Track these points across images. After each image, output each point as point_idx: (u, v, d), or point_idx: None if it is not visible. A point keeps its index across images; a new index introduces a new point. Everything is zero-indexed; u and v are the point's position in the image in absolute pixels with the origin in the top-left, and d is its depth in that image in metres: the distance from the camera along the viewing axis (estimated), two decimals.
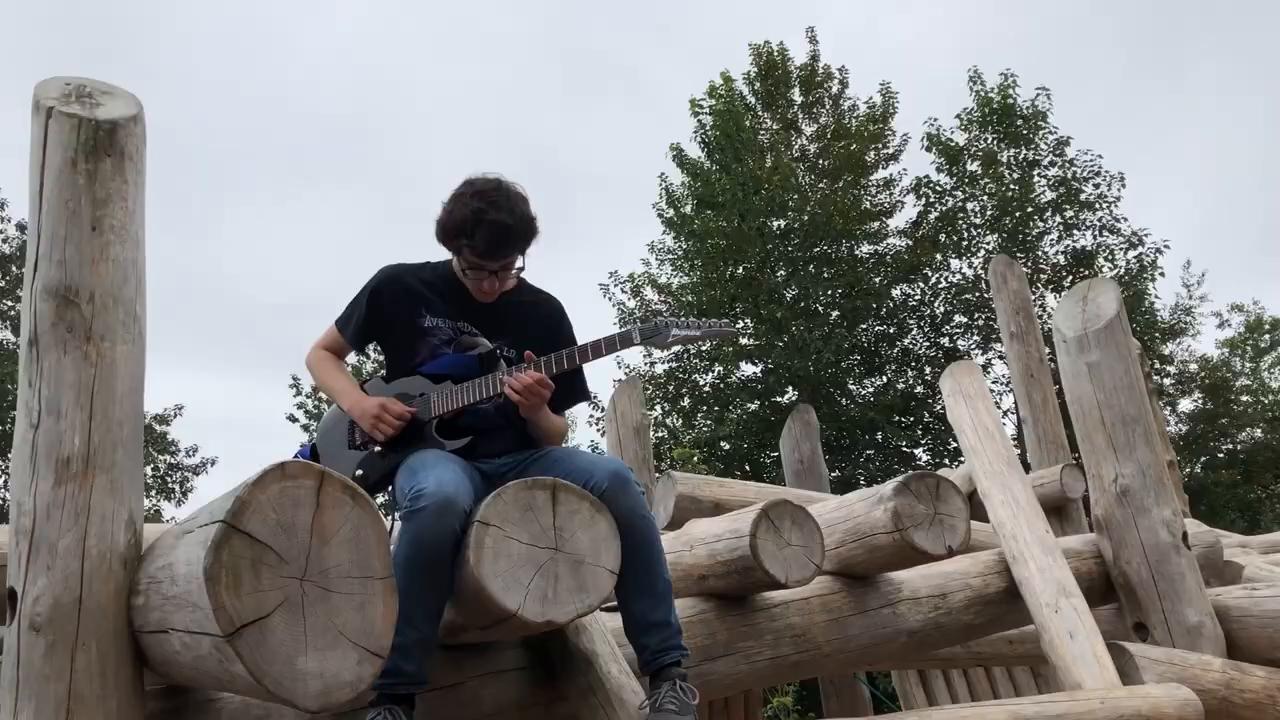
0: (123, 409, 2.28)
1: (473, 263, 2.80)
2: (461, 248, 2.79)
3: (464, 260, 2.82)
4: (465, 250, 2.78)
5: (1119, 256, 21.51)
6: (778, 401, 21.14)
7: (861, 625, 3.41)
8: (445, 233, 2.80)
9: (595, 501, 2.49)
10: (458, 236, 2.77)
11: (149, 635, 2.09)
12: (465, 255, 2.80)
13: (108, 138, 2.40)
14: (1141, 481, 4.03)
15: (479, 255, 2.77)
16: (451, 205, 2.78)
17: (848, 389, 21.65)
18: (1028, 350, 7.09)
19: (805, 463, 7.81)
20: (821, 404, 19.72)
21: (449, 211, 2.78)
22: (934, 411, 21.75)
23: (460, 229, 2.75)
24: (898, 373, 22.08)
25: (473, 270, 2.83)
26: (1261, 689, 3.62)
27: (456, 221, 2.75)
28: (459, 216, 2.74)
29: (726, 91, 22.59)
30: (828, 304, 21.50)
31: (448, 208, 2.79)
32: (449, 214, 2.78)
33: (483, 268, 2.81)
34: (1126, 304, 16.19)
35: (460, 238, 2.76)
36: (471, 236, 2.74)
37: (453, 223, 2.76)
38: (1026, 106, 22.02)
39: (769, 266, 21.45)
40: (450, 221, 2.77)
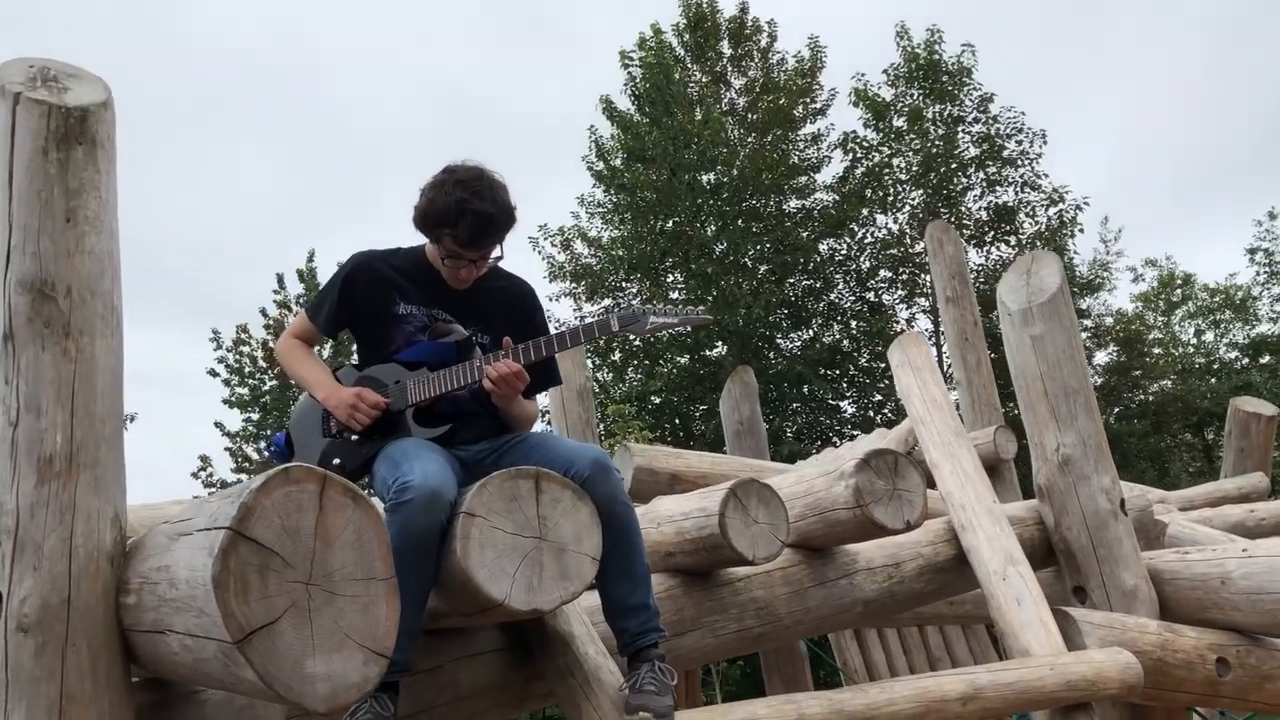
0: (104, 405, 2.25)
1: (454, 251, 2.80)
2: (442, 236, 2.78)
3: (444, 248, 2.82)
4: (447, 239, 2.78)
5: (1040, 213, 21.97)
6: (707, 355, 21.32)
7: (820, 596, 3.51)
8: (426, 221, 2.79)
9: (577, 490, 2.53)
10: (439, 225, 2.76)
11: (142, 635, 2.09)
12: (446, 244, 2.80)
13: (78, 125, 2.35)
14: (1082, 451, 4.18)
15: (461, 245, 2.77)
16: (432, 193, 2.77)
17: (776, 343, 21.90)
18: (963, 314, 7.25)
19: (745, 423, 7.93)
20: (750, 358, 19.93)
21: (430, 200, 2.77)
22: (859, 365, 22.15)
23: (443, 218, 2.74)
24: (824, 327, 22.38)
25: (452, 259, 2.83)
26: (1193, 648, 3.81)
27: (439, 210, 2.74)
28: (441, 205, 2.73)
29: (656, 44, 22.46)
30: (756, 258, 21.65)
31: (428, 195, 2.78)
32: (430, 202, 2.76)
33: (463, 256, 2.81)
34: None
35: (442, 226, 2.76)
36: (454, 226, 2.73)
37: (434, 211, 2.75)
38: (952, 63, 22.26)
39: (699, 221, 21.51)
40: (432, 210, 2.76)
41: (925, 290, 22.34)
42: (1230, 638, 3.90)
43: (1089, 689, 3.29)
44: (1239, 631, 3.93)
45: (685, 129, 21.04)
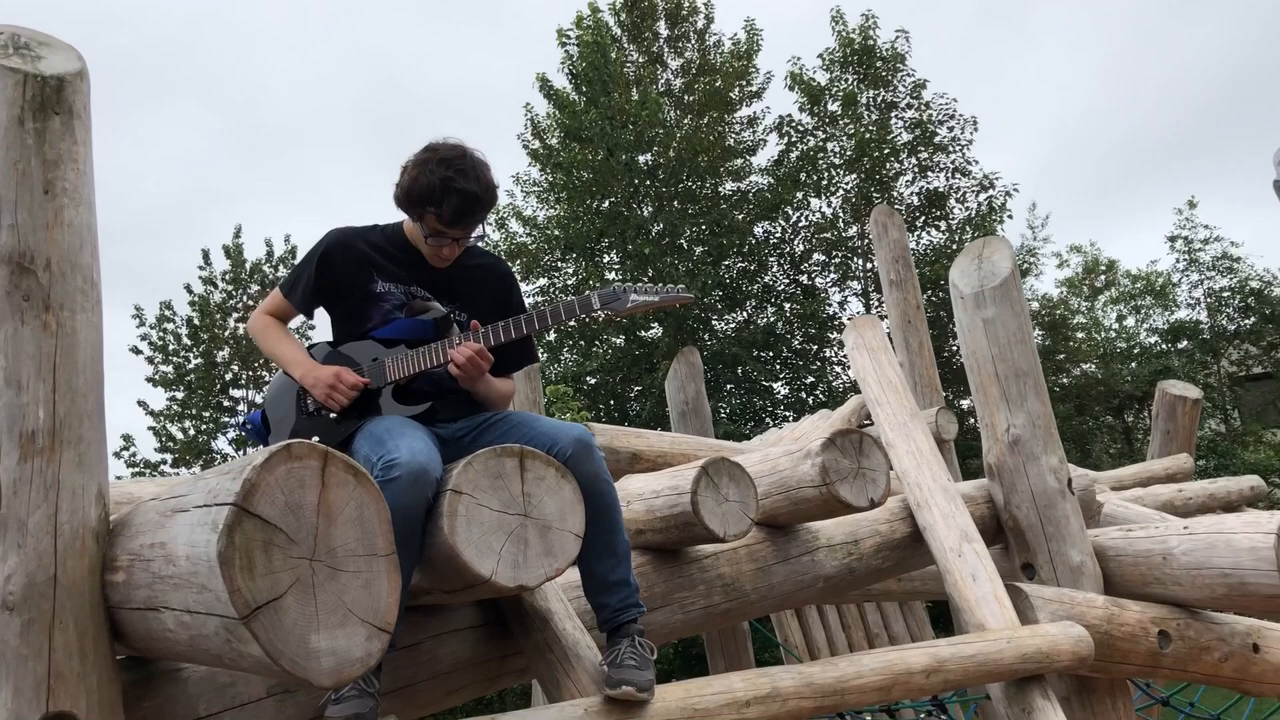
0: (86, 380, 2.21)
1: (437, 230, 2.79)
2: (426, 214, 2.77)
3: (427, 226, 2.81)
4: (430, 217, 2.77)
5: (970, 199, 22.35)
6: (643, 336, 21.39)
7: (784, 572, 3.57)
8: (410, 199, 2.77)
9: (560, 467, 2.55)
10: (423, 203, 2.75)
11: (131, 612, 2.06)
12: (430, 222, 2.79)
13: (55, 95, 2.30)
14: (1032, 431, 4.30)
15: (445, 223, 2.77)
16: (416, 171, 2.76)
17: (711, 324, 22.02)
18: (906, 297, 7.38)
19: (690, 403, 7.99)
20: (686, 339, 20.05)
21: (414, 178, 2.75)
22: (792, 347, 22.38)
23: (427, 196, 2.73)
24: (759, 309, 22.57)
25: (435, 237, 2.82)
26: (1136, 622, 3.94)
27: (423, 188, 2.73)
28: (425, 184, 2.72)
29: (594, 23, 22.38)
30: (693, 240, 21.74)
31: (412, 174, 2.77)
32: (414, 180, 2.75)
33: (446, 235, 2.80)
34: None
35: (426, 205, 2.75)
36: (439, 205, 2.72)
37: (418, 189, 2.74)
38: (886, 49, 22.52)
39: (635, 201, 21.53)
40: (415, 188, 2.74)
41: (857, 274, 22.65)
42: (1171, 611, 4.04)
43: (1043, 661, 3.40)
44: (1179, 605, 4.07)
45: (622, 109, 21.03)
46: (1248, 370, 24.64)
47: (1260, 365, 24.37)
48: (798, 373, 22.21)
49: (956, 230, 22.04)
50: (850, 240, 22.49)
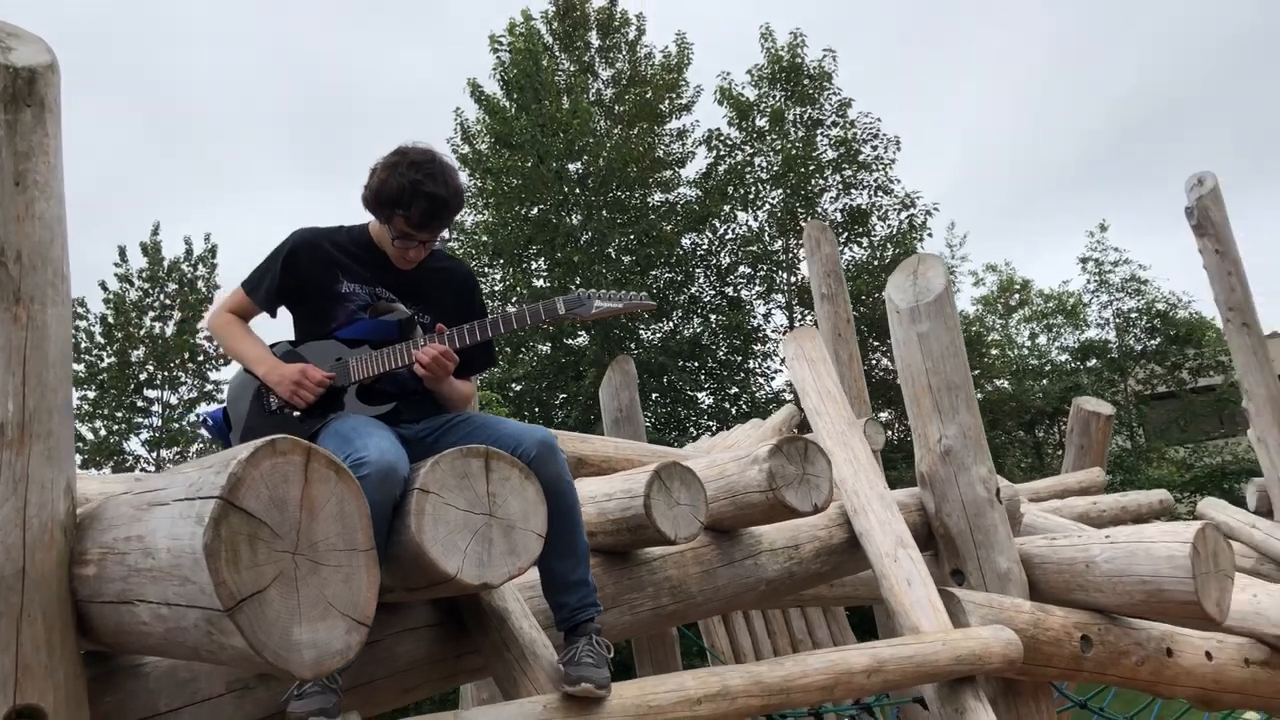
0: (55, 374, 2.21)
1: (405, 232, 2.83)
2: (394, 216, 2.81)
3: (395, 229, 2.84)
4: (399, 219, 2.81)
5: (892, 216, 22.82)
6: (569, 344, 21.42)
7: (728, 575, 3.66)
8: (378, 201, 2.81)
9: (524, 468, 2.59)
10: (392, 206, 2.79)
11: (102, 606, 2.07)
12: (398, 224, 2.82)
13: (27, 87, 2.29)
14: (963, 442, 4.45)
15: (413, 226, 2.80)
16: (385, 174, 2.79)
17: (638, 334, 22.14)
18: (836, 310, 7.55)
19: (624, 411, 8.05)
20: (613, 348, 20.12)
21: (383, 180, 2.79)
22: (717, 358, 22.60)
23: (395, 199, 2.77)
24: (685, 319, 22.74)
25: (402, 239, 2.85)
26: (1060, 627, 4.11)
27: (391, 191, 2.77)
28: (394, 186, 2.76)
29: (526, 30, 22.40)
30: (621, 249, 21.85)
31: (380, 176, 2.80)
32: (383, 183, 2.78)
33: (413, 237, 2.84)
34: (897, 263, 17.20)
35: (395, 207, 2.78)
36: (407, 207, 2.76)
37: (387, 192, 2.77)
38: (813, 67, 22.90)
39: (565, 209, 21.57)
40: (385, 190, 2.78)
41: (782, 288, 22.96)
42: (1093, 617, 4.21)
43: (976, 663, 3.53)
44: (1100, 611, 4.25)
45: (553, 117, 21.07)
46: (1153, 389, 25.51)
47: (1164, 385, 25.25)
48: (722, 383, 22.44)
49: (878, 247, 22.49)
50: (775, 254, 22.81)
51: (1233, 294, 7.92)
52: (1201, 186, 8.07)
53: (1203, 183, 8.09)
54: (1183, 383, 24.86)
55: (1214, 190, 7.99)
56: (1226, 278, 7.93)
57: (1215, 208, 7.93)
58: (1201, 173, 8.14)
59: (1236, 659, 4.59)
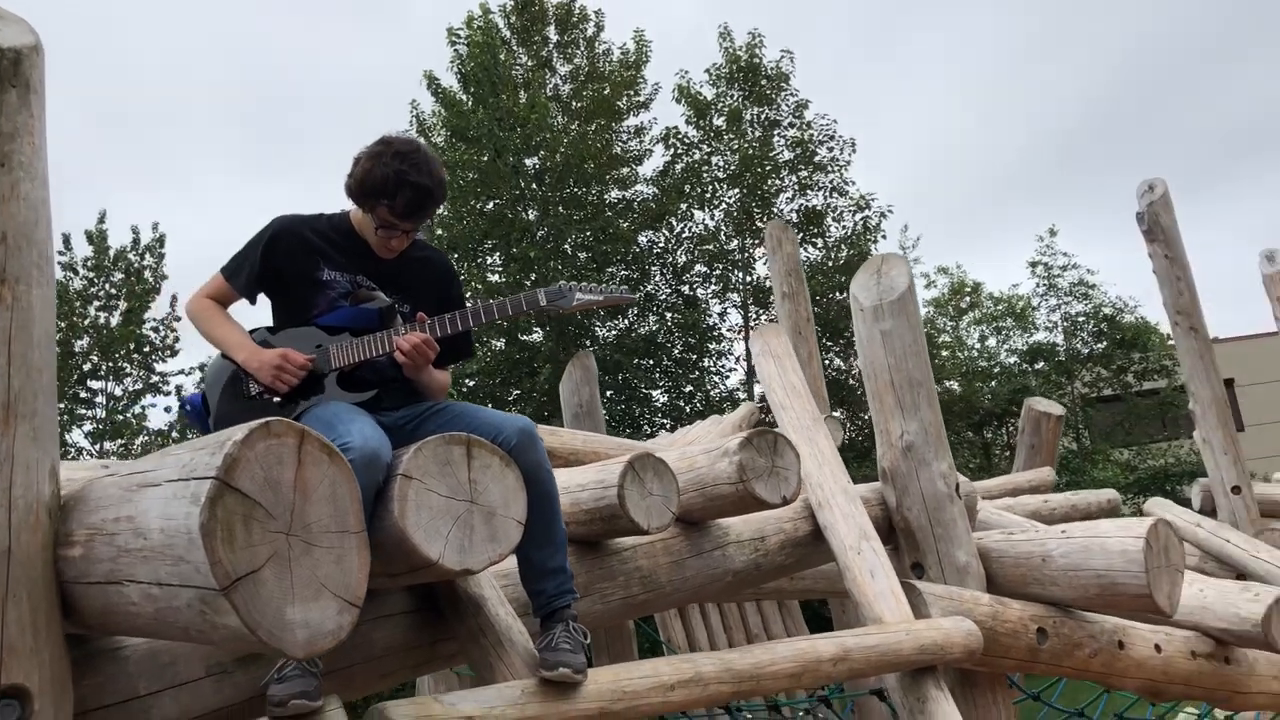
0: (40, 355, 2.21)
1: (389, 222, 2.85)
2: (378, 206, 2.83)
3: (379, 218, 2.86)
4: (383, 209, 2.83)
5: (847, 218, 23.01)
6: (524, 340, 21.38)
7: (697, 566, 3.71)
8: (363, 190, 2.82)
9: (505, 456, 2.63)
10: (377, 195, 2.81)
11: (88, 587, 2.07)
12: (381, 214, 2.84)
13: (12, 68, 2.29)
14: (924, 438, 4.54)
15: (398, 216, 2.83)
16: (370, 164, 2.81)
17: (593, 331, 22.15)
18: (797, 309, 7.64)
19: (584, 406, 8.08)
20: (569, 345, 20.13)
21: (367, 170, 2.81)
22: (672, 356, 22.67)
23: (380, 189, 2.79)
24: (640, 317, 22.79)
25: (385, 229, 2.87)
26: (1017, 619, 4.21)
27: (376, 181, 2.79)
28: (379, 176, 2.78)
29: (484, 23, 22.32)
30: (577, 246, 21.85)
31: (365, 166, 2.82)
32: (368, 172, 2.80)
33: (397, 227, 2.86)
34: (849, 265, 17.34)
35: (380, 196, 2.80)
36: (392, 197, 2.79)
37: (372, 181, 2.80)
38: (771, 67, 23.05)
39: (521, 205, 21.53)
40: (369, 180, 2.80)
41: (737, 287, 23.09)
42: (1048, 610, 4.32)
43: (938, 652, 3.62)
44: (1055, 605, 4.35)
45: (511, 111, 21.02)
46: (1099, 392, 25.97)
47: (1110, 388, 25.72)
48: (677, 381, 22.52)
49: (833, 248, 22.68)
50: (732, 253, 22.92)
51: (1181, 298, 8.12)
52: (1152, 193, 8.26)
53: (1153, 189, 8.28)
54: (1128, 386, 25.35)
55: (1164, 196, 8.18)
56: (1175, 282, 8.13)
57: (1165, 214, 8.12)
58: (1152, 179, 8.33)
59: (1184, 651, 4.72)
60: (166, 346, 22.73)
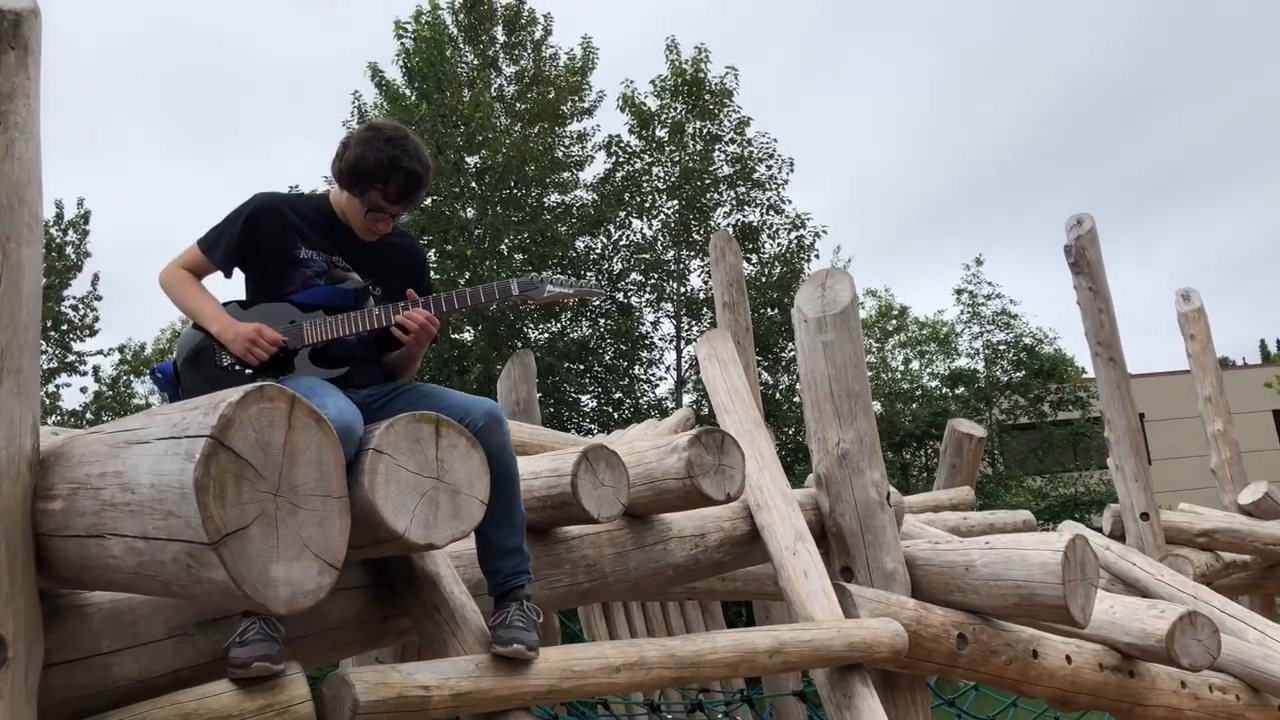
0: (28, 312, 2.26)
1: (379, 205, 2.93)
2: (369, 190, 2.90)
3: (369, 201, 2.93)
4: (374, 193, 2.90)
5: (781, 235, 23.33)
6: (455, 339, 21.31)
7: (640, 559, 3.82)
8: (355, 174, 2.90)
9: (471, 437, 2.71)
10: (370, 180, 2.89)
11: (66, 540, 2.12)
12: (372, 197, 2.92)
13: (12, 30, 2.33)
14: (859, 447, 4.71)
15: (389, 200, 2.91)
16: (361, 149, 2.89)
17: (524, 333, 22.17)
18: (737, 319, 7.80)
19: (521, 404, 8.16)
20: (500, 345, 20.13)
21: (360, 155, 2.88)
22: (603, 362, 22.77)
23: (374, 173, 2.87)
24: (574, 321, 22.85)
25: (374, 212, 2.95)
26: (940, 624, 4.39)
27: (369, 165, 2.86)
28: (372, 161, 2.86)
29: (432, 19, 22.27)
30: (514, 247, 21.85)
31: (356, 151, 2.89)
32: (360, 157, 2.88)
33: (385, 211, 2.94)
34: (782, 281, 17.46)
35: (373, 181, 2.88)
36: (385, 181, 2.87)
37: (365, 166, 2.87)
38: (715, 83, 23.31)
39: (460, 202, 21.49)
40: (362, 164, 2.87)
41: (671, 297, 23.28)
42: (969, 618, 4.50)
43: (866, 651, 3.77)
44: (976, 612, 4.55)
45: (454, 108, 20.98)
46: (1015, 419, 26.65)
47: (1026, 416, 26.41)
48: (607, 387, 22.62)
49: (766, 265, 22.97)
50: (668, 264, 23.10)
51: (1102, 330, 8.44)
52: (1080, 227, 8.59)
53: (1081, 224, 8.61)
54: (1043, 415, 26.04)
55: (1091, 231, 8.51)
56: (1098, 314, 8.44)
57: (1091, 248, 8.45)
58: (1081, 214, 8.66)
59: (1092, 663, 4.95)
60: (85, 326, 22.24)
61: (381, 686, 2.48)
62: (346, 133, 3.00)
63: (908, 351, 28.97)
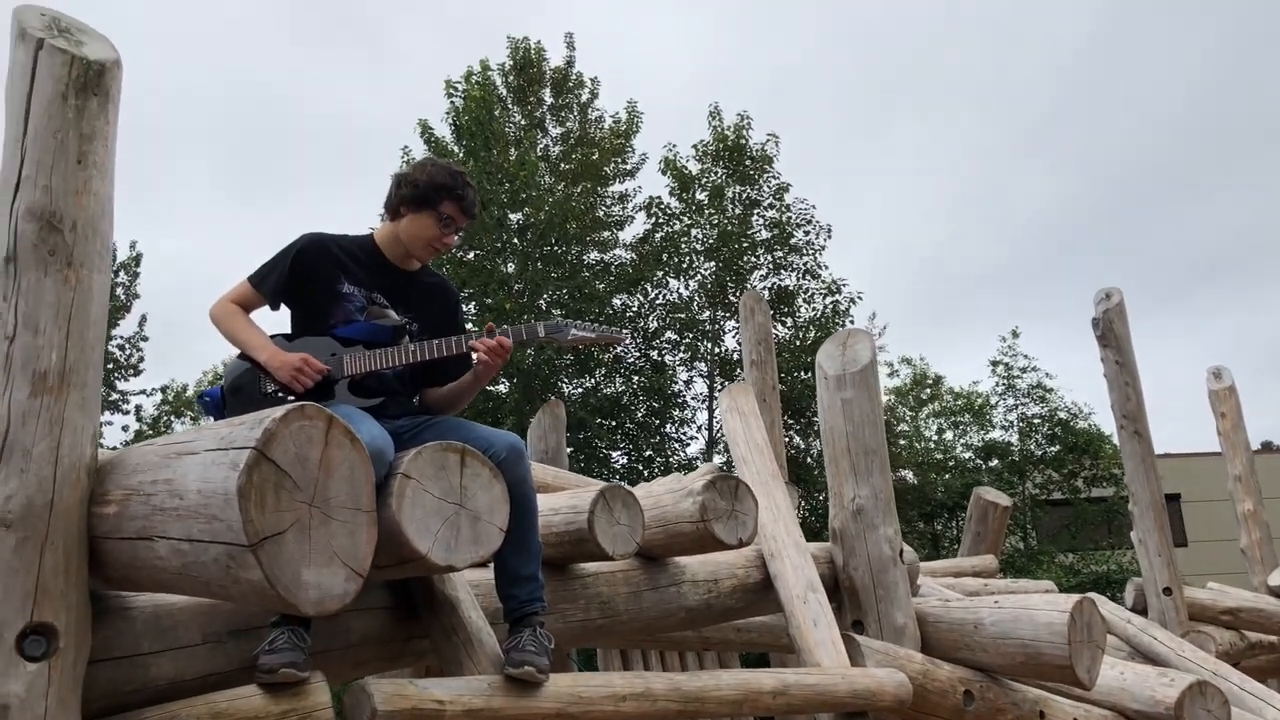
0: (94, 333, 2.47)
1: (453, 217, 3.21)
2: (444, 202, 3.16)
3: (442, 213, 3.20)
4: (448, 203, 3.17)
5: (817, 300, 23.53)
6: (490, 391, 21.58)
7: (653, 599, 3.96)
8: (431, 189, 3.18)
9: (494, 468, 2.88)
10: (444, 191, 3.16)
11: (118, 542, 2.31)
12: (447, 208, 3.18)
13: (96, 78, 2.57)
14: (874, 503, 4.83)
15: (463, 211, 3.17)
16: (432, 169, 3.20)
17: (559, 387, 22.40)
18: (764, 377, 7.95)
19: (550, 453, 8.31)
20: (534, 398, 20.34)
21: (429, 175, 3.19)
22: (635, 419, 22.93)
23: (449, 186, 3.17)
24: (607, 378, 23.08)
25: (446, 225, 3.21)
26: (947, 680, 4.47)
27: (441, 180, 3.16)
28: (442, 177, 3.16)
29: (483, 79, 22.86)
30: (552, 302, 22.18)
31: (428, 171, 3.20)
32: (431, 176, 3.17)
33: (455, 223, 3.19)
34: (816, 346, 17.67)
35: (449, 191, 3.16)
36: (461, 192, 3.16)
37: (437, 182, 3.17)
38: (756, 149, 23.69)
39: (501, 257, 21.89)
40: (434, 181, 3.17)
41: (705, 356, 23.48)
42: (976, 675, 4.58)
43: (870, 698, 3.86)
44: (984, 670, 4.62)
45: (501, 166, 21.46)
46: (1048, 494, 26.44)
47: (1060, 491, 26.20)
48: (638, 444, 22.76)
49: (801, 329, 23.14)
50: (702, 324, 23.33)
51: (1128, 403, 8.51)
52: (1108, 300, 8.70)
53: (1110, 297, 8.72)
54: (1077, 491, 25.83)
55: (1119, 305, 8.61)
56: (1124, 387, 8.52)
57: (1119, 321, 8.55)
58: (1109, 288, 8.78)
59: None
60: (130, 365, 22.75)
61: (398, 698, 2.63)
62: (395, 176, 3.25)
63: (941, 421, 28.89)
